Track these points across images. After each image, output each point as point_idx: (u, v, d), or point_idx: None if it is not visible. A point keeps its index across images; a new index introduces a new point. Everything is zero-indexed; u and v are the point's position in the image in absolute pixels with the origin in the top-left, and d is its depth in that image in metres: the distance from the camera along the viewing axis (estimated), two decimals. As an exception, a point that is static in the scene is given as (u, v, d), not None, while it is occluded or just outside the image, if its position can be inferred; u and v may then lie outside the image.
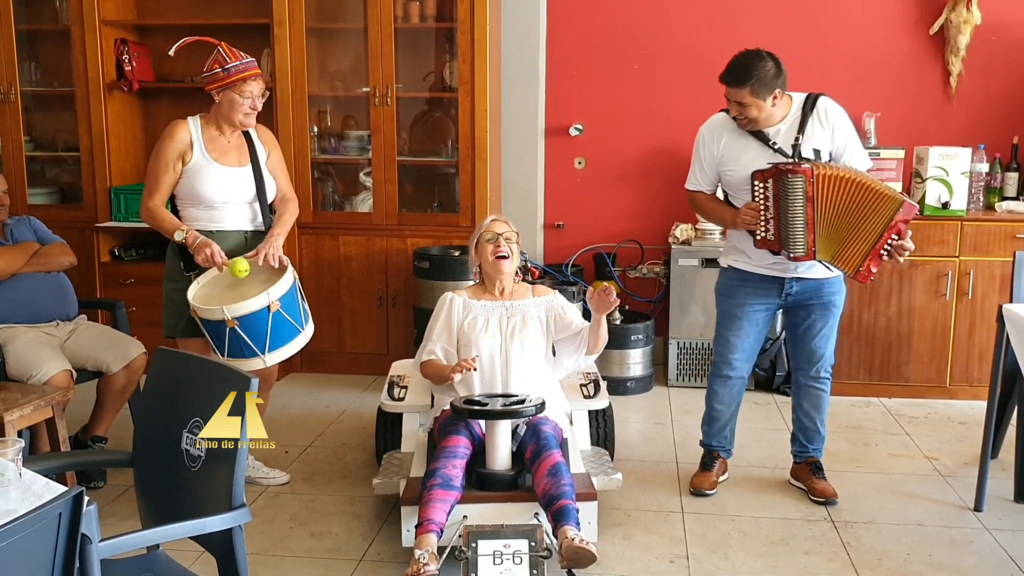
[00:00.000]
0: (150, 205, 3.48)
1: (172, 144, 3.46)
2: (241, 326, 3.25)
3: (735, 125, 3.38)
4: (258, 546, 3.18)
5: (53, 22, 5.29)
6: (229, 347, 3.31)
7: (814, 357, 3.55)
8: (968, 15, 4.87)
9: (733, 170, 3.39)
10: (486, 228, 3.38)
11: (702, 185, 3.53)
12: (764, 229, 3.31)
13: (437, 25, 5.04)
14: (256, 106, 3.50)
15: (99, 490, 3.64)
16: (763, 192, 3.28)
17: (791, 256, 3.28)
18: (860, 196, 3.21)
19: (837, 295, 3.50)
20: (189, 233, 3.42)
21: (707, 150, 3.47)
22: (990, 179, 4.90)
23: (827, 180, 3.21)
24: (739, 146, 3.38)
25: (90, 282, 5.06)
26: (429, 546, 2.73)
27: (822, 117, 3.35)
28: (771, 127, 3.34)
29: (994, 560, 3.10)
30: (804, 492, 3.62)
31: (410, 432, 3.51)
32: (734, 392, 3.65)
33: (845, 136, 3.36)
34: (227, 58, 3.41)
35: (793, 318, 3.56)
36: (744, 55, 3.28)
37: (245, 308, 3.24)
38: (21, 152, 5.24)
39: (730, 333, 3.55)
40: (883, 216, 3.19)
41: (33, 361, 3.48)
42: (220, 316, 3.22)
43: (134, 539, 1.91)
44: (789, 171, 3.22)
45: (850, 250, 3.25)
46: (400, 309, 5.09)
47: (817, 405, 3.62)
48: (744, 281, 3.50)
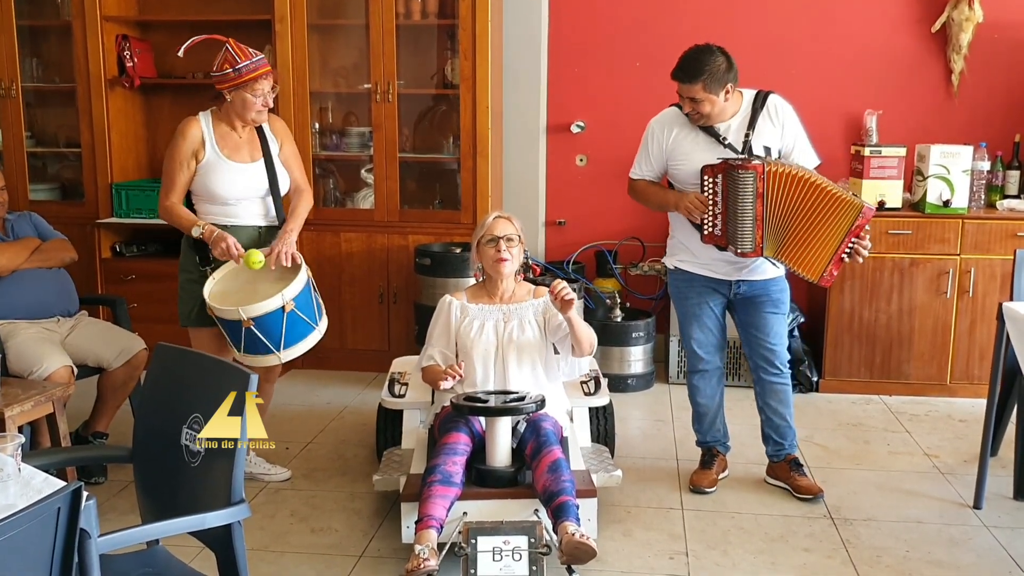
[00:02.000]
0: (167, 204, 3.50)
1: (185, 143, 3.47)
2: (256, 326, 3.30)
3: (686, 120, 3.39)
4: (258, 542, 3.19)
5: (54, 18, 5.29)
6: (245, 344, 3.37)
7: (772, 354, 3.57)
8: (970, 13, 4.86)
9: (683, 164, 3.40)
10: (487, 229, 3.31)
11: (645, 174, 3.55)
12: (711, 224, 3.31)
13: (439, 22, 5.03)
14: (268, 103, 3.52)
15: (99, 486, 3.64)
16: (712, 187, 3.28)
17: (738, 252, 3.28)
18: (813, 196, 3.20)
19: (784, 292, 3.54)
20: (206, 228, 3.46)
21: (656, 143, 3.48)
22: (991, 177, 4.90)
23: (778, 177, 3.21)
24: (689, 141, 3.39)
25: (91, 278, 5.07)
26: (429, 542, 2.73)
27: (772, 114, 3.36)
28: (722, 122, 3.35)
29: (993, 557, 3.10)
30: (788, 491, 3.62)
31: (410, 429, 3.51)
32: (714, 383, 3.67)
33: (794, 133, 3.38)
34: (237, 57, 3.41)
35: (744, 317, 3.57)
36: (695, 50, 3.29)
37: (260, 309, 3.29)
38: (22, 148, 5.24)
39: (693, 330, 3.60)
40: (844, 222, 3.18)
41: (34, 357, 3.49)
42: (236, 317, 3.28)
43: (133, 534, 1.92)
44: (739, 167, 3.21)
45: (807, 253, 3.24)
46: (401, 306, 5.10)
47: (783, 400, 3.63)
48: (693, 281, 3.54)
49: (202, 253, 3.51)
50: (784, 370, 3.60)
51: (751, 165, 3.21)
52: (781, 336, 3.57)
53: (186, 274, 3.59)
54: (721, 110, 3.31)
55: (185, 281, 3.58)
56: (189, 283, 3.56)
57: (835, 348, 4.81)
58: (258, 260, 3.40)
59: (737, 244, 3.27)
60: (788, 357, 3.63)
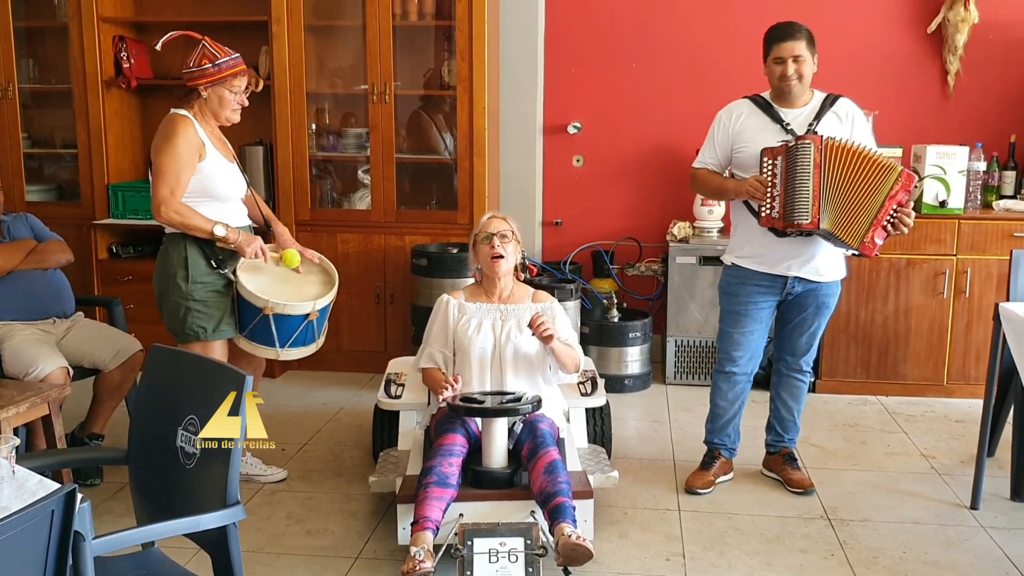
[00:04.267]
0: (177, 205, 3.30)
1: (186, 141, 3.32)
2: (275, 319, 3.32)
3: (753, 107, 3.46)
4: (254, 543, 3.18)
5: (51, 19, 5.28)
6: (253, 329, 3.38)
7: (799, 350, 3.61)
8: (966, 14, 4.87)
9: (746, 146, 3.43)
10: (482, 228, 3.33)
11: (708, 163, 3.56)
12: (770, 206, 3.32)
13: (436, 23, 5.03)
14: (243, 102, 3.46)
15: (95, 487, 3.64)
16: (771, 168, 3.31)
17: (795, 223, 3.28)
18: (865, 167, 3.25)
19: (833, 297, 3.55)
20: (230, 229, 3.36)
21: (722, 129, 3.51)
22: (987, 177, 4.90)
23: (835, 149, 3.26)
24: (755, 125, 3.44)
25: (87, 279, 5.06)
26: (425, 544, 2.73)
27: (841, 114, 3.43)
28: (792, 109, 3.41)
29: (990, 558, 3.11)
30: (780, 482, 3.67)
31: (406, 430, 3.51)
32: (738, 390, 3.65)
33: (863, 134, 3.43)
34: (216, 54, 3.34)
35: (786, 313, 3.59)
36: (784, 21, 3.41)
37: (289, 309, 3.34)
38: (19, 149, 5.23)
39: (735, 330, 3.57)
40: (884, 186, 3.24)
41: (30, 358, 3.48)
42: (261, 304, 3.31)
43: (128, 536, 1.91)
44: (799, 139, 3.27)
45: (853, 220, 3.27)
46: (398, 307, 5.09)
47: (796, 396, 3.68)
48: (748, 279, 3.52)
49: (217, 256, 3.39)
50: (807, 370, 3.66)
51: (810, 137, 3.28)
52: (815, 337, 3.61)
53: (199, 284, 3.38)
54: (807, 85, 3.40)
55: (201, 292, 3.38)
56: (207, 293, 3.39)
57: (832, 348, 4.81)
58: (297, 259, 3.49)
59: (795, 217, 3.27)
60: (815, 356, 3.67)
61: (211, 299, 3.41)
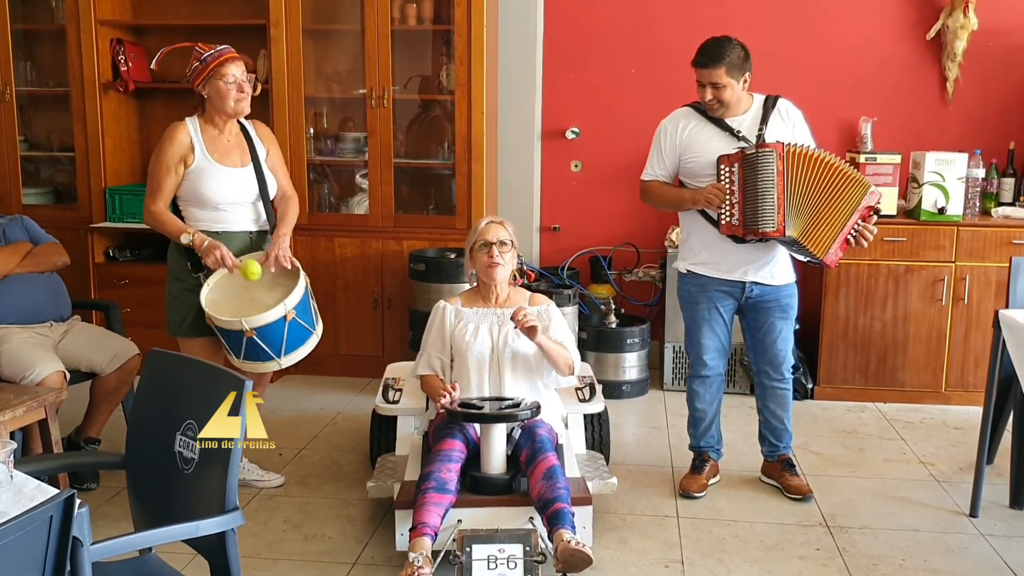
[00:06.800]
0: (153, 209, 3.45)
1: (172, 147, 3.43)
2: (259, 335, 3.29)
3: (698, 116, 3.46)
4: (251, 549, 3.17)
5: (49, 21, 5.27)
6: (246, 352, 3.37)
7: (777, 359, 3.62)
8: (965, 20, 4.87)
9: (697, 156, 3.43)
10: (479, 234, 3.30)
11: (659, 175, 3.57)
12: (729, 214, 3.33)
13: (434, 27, 5.03)
14: (244, 89, 3.47)
15: (92, 492, 3.62)
16: (729, 176, 3.31)
17: (759, 230, 3.28)
18: (829, 176, 3.27)
19: (792, 298, 3.59)
20: (196, 236, 3.41)
21: (669, 140, 3.52)
22: (986, 184, 4.90)
23: (798, 156, 3.27)
24: (703, 134, 3.44)
25: (84, 283, 5.04)
26: (423, 550, 2.72)
27: (783, 114, 3.45)
28: (735, 117, 3.42)
29: (989, 566, 3.10)
30: (779, 489, 3.67)
31: (404, 435, 3.50)
32: (713, 390, 3.69)
33: (803, 133, 3.46)
34: (201, 51, 3.44)
35: (752, 322, 3.61)
36: (713, 40, 3.41)
37: (263, 320, 3.29)
38: (16, 152, 5.22)
39: (700, 335, 3.61)
40: (852, 199, 3.27)
41: (26, 362, 3.46)
42: (239, 327, 3.27)
43: (126, 542, 1.90)
44: (759, 147, 3.27)
45: (819, 230, 3.29)
46: (395, 311, 5.08)
47: (783, 404, 3.69)
48: (707, 286, 3.55)
49: (194, 259, 3.46)
50: (786, 376, 3.66)
51: (771, 145, 3.27)
52: (787, 342, 3.62)
53: (178, 282, 3.53)
54: (737, 101, 3.39)
55: (177, 289, 3.53)
56: (181, 291, 3.51)
57: (830, 355, 4.81)
58: (256, 272, 3.39)
59: (758, 225, 3.27)
60: (792, 363, 3.67)
61: (184, 296, 3.50)
